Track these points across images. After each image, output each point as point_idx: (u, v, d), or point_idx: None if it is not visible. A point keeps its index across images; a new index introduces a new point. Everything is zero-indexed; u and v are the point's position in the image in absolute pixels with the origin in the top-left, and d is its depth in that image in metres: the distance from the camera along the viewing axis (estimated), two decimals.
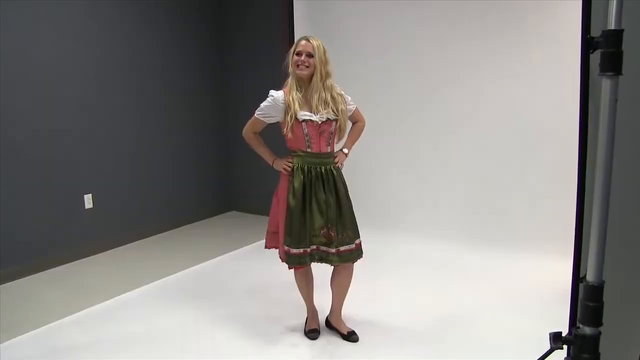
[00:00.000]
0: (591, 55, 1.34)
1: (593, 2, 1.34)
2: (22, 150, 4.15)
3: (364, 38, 4.78)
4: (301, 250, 2.92)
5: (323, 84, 2.86)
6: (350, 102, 3.04)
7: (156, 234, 5.31)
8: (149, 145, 5.21)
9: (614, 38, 1.26)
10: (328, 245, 2.91)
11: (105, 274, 4.31)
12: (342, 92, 2.98)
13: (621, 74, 1.27)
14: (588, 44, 1.33)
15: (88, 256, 4.68)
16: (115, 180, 4.90)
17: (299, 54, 2.84)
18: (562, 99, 3.79)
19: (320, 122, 2.87)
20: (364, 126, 3.17)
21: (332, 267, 3.06)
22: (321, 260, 2.97)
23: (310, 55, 2.82)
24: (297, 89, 2.89)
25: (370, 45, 4.79)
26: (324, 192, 2.91)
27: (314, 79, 2.84)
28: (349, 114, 3.04)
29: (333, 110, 2.87)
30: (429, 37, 4.52)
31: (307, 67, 2.82)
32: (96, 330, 3.34)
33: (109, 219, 4.87)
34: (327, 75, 2.88)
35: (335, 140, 2.98)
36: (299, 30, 5.01)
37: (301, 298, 3.25)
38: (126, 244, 5.02)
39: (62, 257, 4.50)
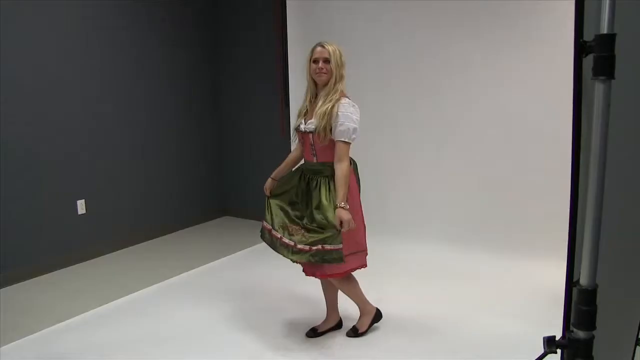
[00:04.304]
0: (584, 59, 1.35)
1: (586, 5, 1.34)
2: (14, 155, 4.14)
3: (357, 39, 4.78)
4: (265, 223, 3.01)
5: (334, 87, 2.85)
6: (341, 123, 2.74)
7: (149, 240, 5.29)
8: (142, 151, 5.19)
9: (607, 42, 1.27)
10: (289, 237, 2.88)
11: (98, 280, 4.29)
12: (345, 101, 2.80)
13: (614, 78, 1.28)
14: (581, 48, 1.34)
15: (82, 262, 4.65)
16: (108, 186, 4.89)
17: (315, 61, 2.84)
18: (557, 102, 3.78)
19: (302, 132, 2.93)
20: (341, 174, 2.75)
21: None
22: (277, 249, 2.95)
23: (327, 61, 2.82)
24: (311, 96, 2.94)
25: (364, 46, 4.79)
26: (302, 200, 2.92)
27: (330, 82, 2.84)
28: (336, 139, 2.79)
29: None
30: (424, 37, 4.53)
31: (326, 73, 2.83)
32: (91, 335, 3.33)
33: (102, 224, 4.85)
34: (341, 78, 2.87)
35: (319, 150, 2.87)
36: (293, 30, 5.02)
37: (299, 302, 3.35)
38: (119, 249, 4.99)
39: (56, 263, 4.47)
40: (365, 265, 3.01)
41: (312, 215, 2.82)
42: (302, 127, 2.92)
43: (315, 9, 4.99)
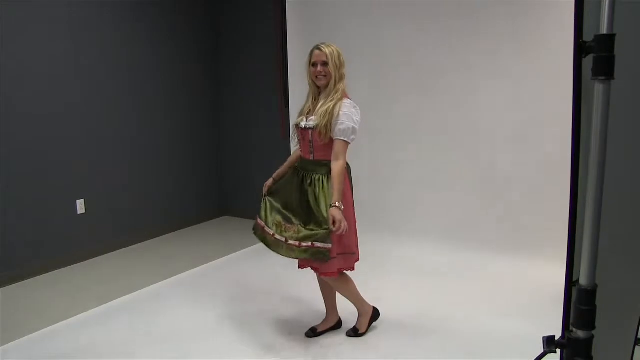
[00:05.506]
0: (584, 59, 1.35)
1: (586, 5, 1.34)
2: (15, 155, 4.13)
3: (357, 38, 4.78)
4: (259, 220, 3.03)
5: (335, 87, 2.86)
6: (342, 122, 2.77)
7: (148, 240, 5.29)
8: (142, 151, 5.19)
9: (606, 42, 1.27)
10: (280, 233, 2.88)
11: (98, 280, 4.29)
12: (347, 102, 2.82)
13: (613, 78, 1.28)
14: (580, 49, 1.34)
15: (81, 261, 4.65)
16: (108, 186, 4.89)
17: (314, 65, 2.86)
18: (558, 102, 3.79)
19: (302, 128, 2.94)
20: (337, 173, 2.76)
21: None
22: (269, 246, 2.95)
23: (325, 64, 2.83)
24: (313, 97, 2.96)
25: (364, 46, 4.79)
26: (295, 198, 2.92)
27: (330, 83, 2.86)
28: (335, 137, 2.81)
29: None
30: (424, 37, 4.54)
31: (325, 76, 2.85)
32: (90, 335, 3.32)
33: (102, 224, 4.85)
34: (341, 78, 2.88)
35: (317, 147, 2.88)
36: (293, 31, 5.01)
37: (298, 302, 3.35)
38: (118, 249, 4.99)
39: (56, 263, 4.47)
40: (353, 269, 2.98)
41: (305, 215, 2.84)
42: (303, 123, 2.93)
43: (315, 9, 4.99)
